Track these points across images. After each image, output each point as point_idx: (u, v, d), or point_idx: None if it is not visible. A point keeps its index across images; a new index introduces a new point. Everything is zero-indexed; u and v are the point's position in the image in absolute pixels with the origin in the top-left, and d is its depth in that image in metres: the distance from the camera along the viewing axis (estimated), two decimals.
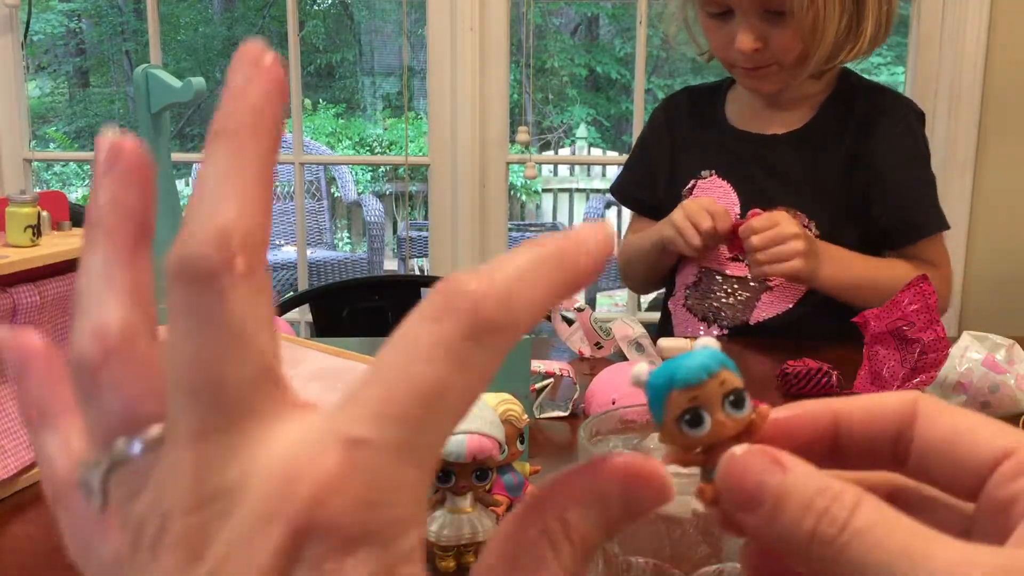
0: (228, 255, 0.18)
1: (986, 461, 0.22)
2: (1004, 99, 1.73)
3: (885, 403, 0.24)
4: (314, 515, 0.16)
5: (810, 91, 1.17)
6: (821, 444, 0.24)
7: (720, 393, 0.23)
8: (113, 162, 0.20)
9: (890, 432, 0.23)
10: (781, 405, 0.24)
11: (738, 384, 0.23)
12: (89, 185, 2.33)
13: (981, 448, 0.22)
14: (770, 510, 0.21)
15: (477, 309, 0.17)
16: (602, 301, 4.13)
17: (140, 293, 0.20)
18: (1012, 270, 1.79)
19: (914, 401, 0.23)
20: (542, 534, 0.19)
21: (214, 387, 0.18)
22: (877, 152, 1.14)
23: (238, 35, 6.02)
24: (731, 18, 1.08)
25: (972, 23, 1.71)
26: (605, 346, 0.98)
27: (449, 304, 0.17)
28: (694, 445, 0.23)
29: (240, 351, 0.18)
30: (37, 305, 0.67)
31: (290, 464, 0.17)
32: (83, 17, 5.99)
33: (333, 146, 5.48)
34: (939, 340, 0.82)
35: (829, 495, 0.20)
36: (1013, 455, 0.21)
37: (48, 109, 5.88)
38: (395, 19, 5.77)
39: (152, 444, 0.19)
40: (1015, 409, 0.79)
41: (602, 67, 5.87)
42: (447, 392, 0.17)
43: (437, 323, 0.17)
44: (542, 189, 5.57)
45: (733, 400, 0.23)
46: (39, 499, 0.66)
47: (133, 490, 0.19)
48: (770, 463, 0.21)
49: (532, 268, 0.18)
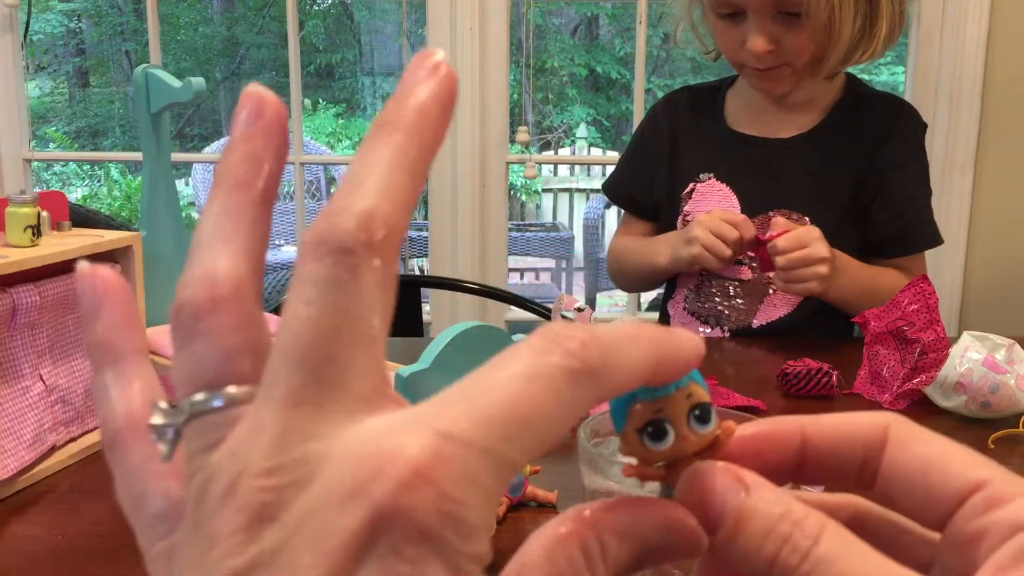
0: (369, 237, 0.18)
1: (956, 492, 0.21)
2: (1004, 99, 1.73)
3: (856, 425, 0.23)
4: (399, 500, 0.16)
5: (818, 94, 1.16)
6: (788, 462, 0.23)
7: (686, 406, 0.22)
8: (256, 116, 0.21)
9: (858, 455, 0.22)
10: (747, 423, 0.24)
11: (705, 398, 0.22)
12: (89, 185, 2.33)
13: (952, 479, 0.21)
14: (730, 531, 0.20)
15: (581, 352, 0.18)
16: (602, 301, 4.13)
17: (254, 249, 0.20)
18: (1012, 270, 1.79)
19: (886, 425, 0.22)
20: (582, 550, 0.19)
21: (323, 358, 0.18)
22: (889, 164, 1.13)
23: (238, 35, 6.02)
24: (742, 19, 1.07)
25: (972, 23, 1.71)
26: None
27: (557, 342, 0.18)
28: (655, 459, 0.22)
29: (357, 332, 0.18)
30: (37, 305, 0.67)
31: (381, 446, 0.17)
32: (83, 17, 5.99)
33: (333, 146, 5.48)
34: (939, 340, 0.82)
35: (792, 520, 0.20)
36: (983, 488, 0.21)
37: (48, 109, 5.88)
38: (395, 19, 5.77)
39: (235, 400, 0.19)
40: (1015, 409, 0.79)
41: (602, 67, 5.87)
42: (537, 416, 0.17)
43: (542, 354, 0.18)
44: (542, 189, 5.57)
45: (699, 415, 0.22)
46: (38, 499, 0.66)
47: (208, 443, 0.18)
48: (733, 481, 0.21)
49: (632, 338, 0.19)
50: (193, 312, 0.19)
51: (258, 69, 6.06)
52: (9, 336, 0.67)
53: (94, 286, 0.22)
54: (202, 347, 0.19)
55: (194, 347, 0.19)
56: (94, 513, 0.64)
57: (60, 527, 0.61)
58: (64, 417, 0.72)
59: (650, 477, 0.23)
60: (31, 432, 0.68)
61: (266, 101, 0.21)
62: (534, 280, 4.65)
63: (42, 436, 0.69)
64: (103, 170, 5.36)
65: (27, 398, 0.68)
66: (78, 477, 0.70)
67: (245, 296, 0.19)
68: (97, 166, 5.49)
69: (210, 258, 0.20)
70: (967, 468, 0.21)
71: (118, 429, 0.21)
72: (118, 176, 5.25)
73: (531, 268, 4.65)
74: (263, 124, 0.21)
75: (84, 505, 0.65)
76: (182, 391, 0.19)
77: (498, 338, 0.60)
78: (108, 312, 0.22)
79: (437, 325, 1.90)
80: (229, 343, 0.19)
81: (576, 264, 4.59)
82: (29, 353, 0.68)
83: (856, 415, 0.23)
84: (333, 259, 0.18)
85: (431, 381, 0.55)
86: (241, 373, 0.19)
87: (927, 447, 0.22)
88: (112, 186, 5.20)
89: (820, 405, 0.85)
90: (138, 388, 0.21)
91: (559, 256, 4.46)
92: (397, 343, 1.10)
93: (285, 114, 0.21)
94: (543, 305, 1.41)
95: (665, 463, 0.22)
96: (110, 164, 5.28)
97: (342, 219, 0.18)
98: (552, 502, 0.64)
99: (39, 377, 0.69)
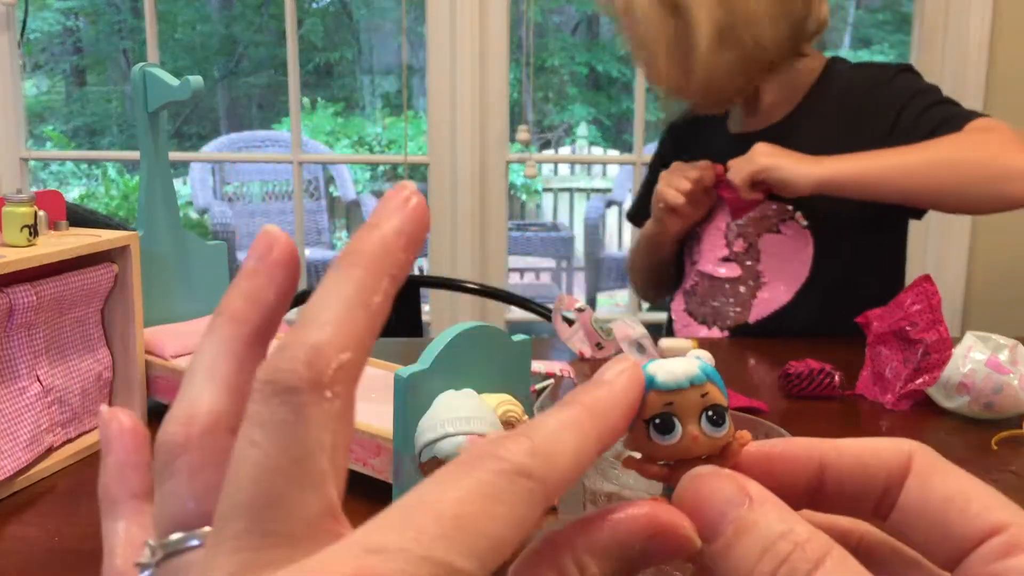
0: (317, 374, 0.18)
1: (974, 533, 0.20)
2: (1007, 97, 1.73)
3: (879, 454, 0.22)
4: None
5: (797, 85, 1.16)
6: (803, 486, 0.22)
7: (700, 405, 0.21)
8: (265, 253, 0.21)
9: (879, 486, 0.22)
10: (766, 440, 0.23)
11: (720, 400, 0.21)
12: (86, 184, 2.34)
13: (971, 519, 0.20)
14: (726, 543, 0.19)
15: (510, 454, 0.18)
16: (603, 301, 4.13)
17: (240, 390, 0.20)
18: (1016, 270, 1.78)
19: (909, 455, 0.22)
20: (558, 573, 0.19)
21: (265, 501, 0.17)
22: (880, 111, 1.08)
23: (236, 33, 6.01)
24: None
25: (975, 21, 1.71)
26: (606, 347, 0.98)
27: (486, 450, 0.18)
28: (660, 456, 0.21)
29: (302, 471, 0.18)
30: (34, 305, 0.67)
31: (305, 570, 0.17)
32: (80, 15, 5.98)
33: (332, 145, 5.47)
34: (942, 340, 0.82)
35: (793, 540, 0.19)
36: (1002, 532, 0.20)
37: (45, 108, 5.87)
38: (394, 17, 5.76)
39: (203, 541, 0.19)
40: (1018, 410, 0.79)
41: (603, 65, 5.87)
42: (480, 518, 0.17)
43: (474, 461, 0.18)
44: (542, 188, 5.57)
45: (712, 416, 0.21)
46: (35, 501, 0.65)
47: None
48: (736, 491, 0.20)
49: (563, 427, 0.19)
50: (168, 450, 0.20)
51: (256, 67, 6.05)
52: (5, 336, 0.66)
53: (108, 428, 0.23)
54: (175, 486, 0.20)
55: (169, 486, 0.20)
56: (92, 514, 0.63)
57: (57, 528, 0.61)
58: (61, 418, 0.71)
59: (651, 475, 0.22)
60: (28, 433, 0.67)
61: (277, 240, 0.21)
62: (534, 280, 4.64)
63: (39, 437, 0.68)
64: (100, 169, 5.35)
65: (24, 399, 0.68)
66: (75, 478, 0.69)
67: (221, 435, 0.20)
68: (94, 165, 5.49)
69: (194, 394, 0.20)
70: (988, 510, 0.20)
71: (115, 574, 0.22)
72: (115, 175, 5.24)
73: (531, 268, 4.64)
74: (269, 262, 0.21)
75: (82, 506, 0.65)
76: (159, 529, 0.20)
77: (498, 338, 0.60)
78: (114, 456, 0.23)
79: (437, 325, 1.90)
80: (200, 484, 0.19)
81: (576, 264, 4.59)
82: (26, 354, 0.68)
83: (879, 443, 0.22)
84: (279, 399, 0.18)
85: (431, 381, 0.54)
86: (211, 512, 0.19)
87: (949, 483, 0.21)
88: (109, 185, 5.19)
89: (822, 406, 0.85)
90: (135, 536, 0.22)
91: (559, 256, 4.45)
92: (397, 343, 1.10)
93: (295, 255, 0.21)
94: (543, 305, 1.41)
95: (670, 462, 0.21)
96: (107, 163, 5.28)
97: (290, 355, 0.18)
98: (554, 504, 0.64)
99: (36, 378, 0.69)
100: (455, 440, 0.51)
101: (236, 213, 3.99)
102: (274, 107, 6.03)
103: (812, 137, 1.11)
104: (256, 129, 5.56)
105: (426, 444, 0.51)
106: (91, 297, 0.74)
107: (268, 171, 4.15)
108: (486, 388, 0.56)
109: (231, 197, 4.23)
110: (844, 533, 0.23)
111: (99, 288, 0.74)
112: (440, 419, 0.51)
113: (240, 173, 4.21)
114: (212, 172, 4.19)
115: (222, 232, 3.72)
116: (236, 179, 4.23)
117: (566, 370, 0.82)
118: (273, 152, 4.23)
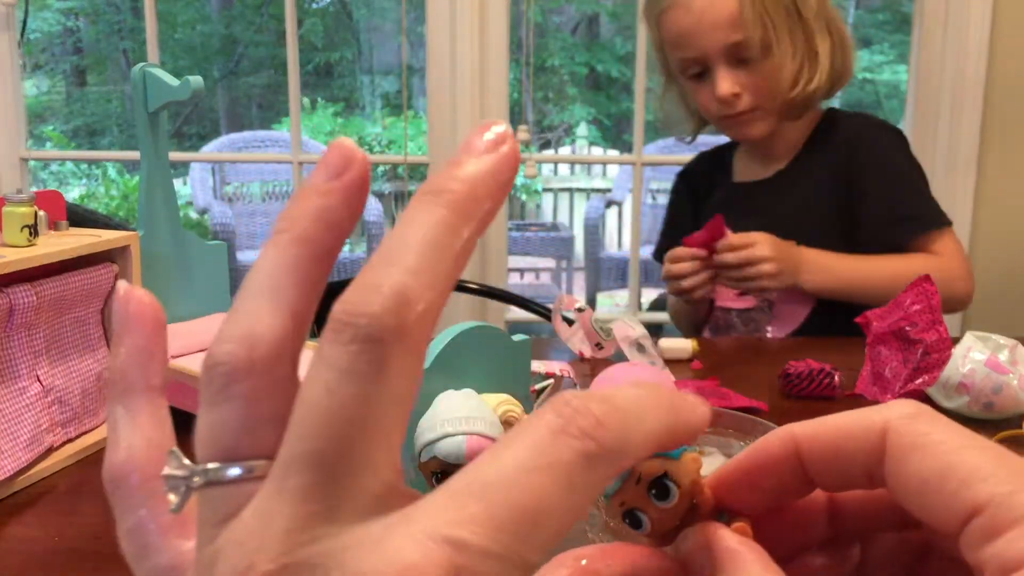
0: (399, 322, 0.17)
1: (955, 517, 0.19)
2: (1007, 98, 1.73)
3: (853, 436, 0.21)
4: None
5: (792, 140, 1.25)
6: (789, 481, 0.22)
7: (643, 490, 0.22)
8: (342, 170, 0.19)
9: (859, 465, 0.21)
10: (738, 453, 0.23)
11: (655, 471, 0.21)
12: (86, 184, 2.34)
13: (949, 499, 0.19)
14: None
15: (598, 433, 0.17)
16: (603, 301, 4.13)
17: (304, 311, 0.19)
18: (1015, 270, 1.78)
19: (882, 431, 0.21)
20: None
21: (337, 454, 0.17)
22: (860, 176, 1.20)
23: (236, 33, 6.01)
24: (709, 75, 1.18)
25: (975, 21, 1.71)
26: (606, 347, 0.98)
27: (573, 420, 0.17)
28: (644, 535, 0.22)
29: (376, 426, 0.17)
30: (34, 305, 0.67)
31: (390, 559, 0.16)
32: (80, 16, 5.98)
33: None
34: (942, 340, 0.82)
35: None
36: (981, 514, 0.19)
37: (45, 108, 5.87)
38: (394, 17, 5.76)
39: (252, 474, 0.18)
40: (1018, 410, 0.79)
41: (602, 65, 5.87)
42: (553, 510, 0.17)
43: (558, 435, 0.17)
44: (542, 188, 5.57)
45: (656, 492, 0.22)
46: (36, 501, 0.65)
47: (220, 516, 0.18)
48: None
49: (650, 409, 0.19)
50: (227, 372, 0.18)
51: (256, 68, 6.05)
52: (6, 336, 0.66)
53: (127, 309, 0.21)
54: (229, 412, 0.18)
55: (221, 410, 0.18)
56: (92, 514, 0.63)
57: (58, 528, 0.61)
58: (61, 418, 0.71)
59: None
60: (28, 433, 0.67)
61: (355, 158, 0.19)
62: (534, 280, 4.65)
63: (39, 437, 0.68)
64: (100, 169, 5.35)
65: (24, 399, 0.68)
66: (76, 478, 0.69)
67: (283, 361, 0.18)
68: (94, 165, 5.49)
69: (255, 314, 0.18)
70: (965, 486, 0.19)
71: (122, 471, 0.20)
72: (115, 175, 5.24)
73: (531, 268, 4.64)
74: (345, 182, 0.19)
75: (82, 506, 0.65)
76: (202, 453, 0.18)
77: (498, 338, 0.60)
78: (132, 339, 0.21)
79: (437, 325, 1.90)
80: (256, 412, 0.18)
81: (576, 264, 4.59)
82: (26, 354, 0.68)
83: (852, 420, 0.22)
84: (358, 347, 0.17)
85: (431, 381, 0.54)
86: (264, 444, 0.18)
87: (926, 461, 0.20)
88: (109, 185, 5.19)
89: (822, 406, 0.85)
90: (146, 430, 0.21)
91: (559, 256, 4.45)
92: None
93: (369, 176, 0.20)
94: (543, 305, 1.41)
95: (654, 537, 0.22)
96: (107, 163, 5.28)
97: (374, 300, 0.17)
98: None
99: (36, 378, 0.69)
100: (455, 440, 0.51)
101: (236, 213, 3.99)
102: (274, 107, 6.03)
103: (815, 185, 1.22)
104: (256, 129, 5.56)
105: (426, 444, 0.51)
106: (91, 297, 0.74)
107: (268, 171, 4.15)
108: (486, 388, 0.56)
109: (231, 197, 4.23)
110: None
111: (99, 288, 0.74)
112: (440, 419, 0.51)
113: (240, 173, 4.21)
114: (212, 172, 4.18)
115: (222, 232, 3.71)
116: (236, 179, 4.23)
117: (566, 370, 0.82)
118: (273, 152, 4.23)
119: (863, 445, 0.21)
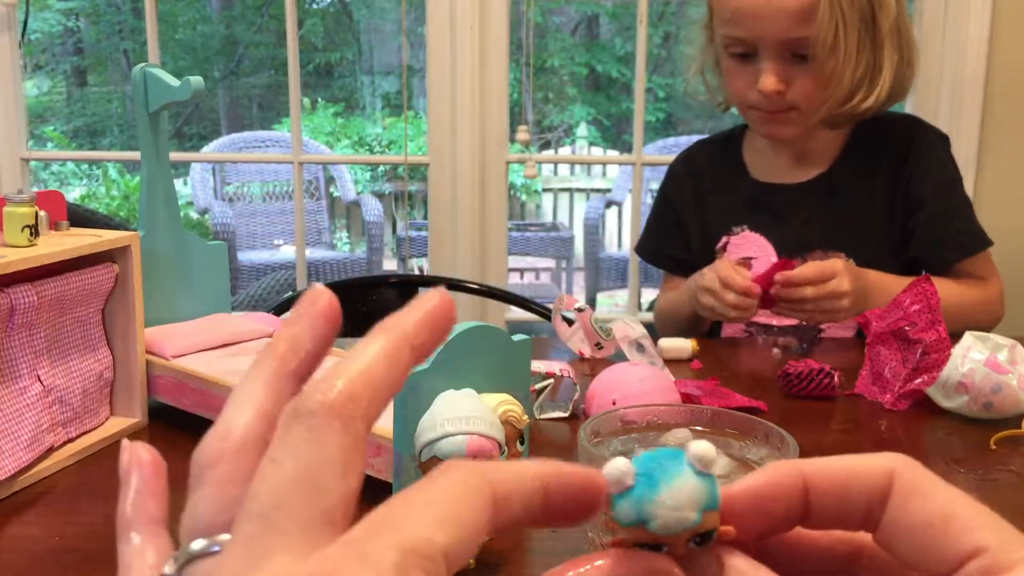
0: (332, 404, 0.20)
1: (953, 557, 0.21)
2: (1007, 97, 1.73)
3: (859, 475, 0.23)
4: None
5: (830, 142, 1.16)
6: (794, 512, 0.23)
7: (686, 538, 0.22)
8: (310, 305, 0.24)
9: (862, 505, 0.23)
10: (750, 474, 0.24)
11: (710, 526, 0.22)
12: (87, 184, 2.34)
13: (950, 541, 0.21)
14: None
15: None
16: (603, 301, 4.13)
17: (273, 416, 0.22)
18: (1014, 269, 1.78)
19: (890, 474, 0.22)
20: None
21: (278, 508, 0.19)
22: (912, 185, 1.13)
23: (236, 34, 6.02)
24: (754, 60, 1.08)
25: (974, 20, 1.71)
26: (605, 346, 0.98)
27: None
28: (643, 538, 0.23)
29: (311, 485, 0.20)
30: (35, 305, 0.67)
31: None
32: (81, 16, 5.98)
33: (332, 145, 5.47)
34: (941, 340, 0.82)
35: None
36: (981, 556, 0.21)
37: (46, 108, 5.87)
38: (394, 18, 5.76)
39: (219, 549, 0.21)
40: (1017, 410, 0.79)
41: (602, 66, 5.87)
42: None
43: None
44: (542, 188, 5.57)
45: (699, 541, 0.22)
46: (36, 500, 0.66)
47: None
48: None
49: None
50: (202, 463, 0.22)
51: (257, 68, 6.05)
52: (6, 336, 0.66)
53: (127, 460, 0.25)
54: (203, 496, 0.21)
55: (198, 494, 0.21)
56: (92, 514, 0.63)
57: (58, 528, 0.61)
58: (62, 418, 0.71)
59: None
60: (29, 433, 0.67)
61: (321, 295, 0.24)
62: (534, 280, 4.65)
63: (40, 437, 0.69)
64: (101, 169, 5.35)
65: (25, 399, 0.68)
66: (76, 478, 0.69)
67: (252, 452, 0.22)
68: (95, 165, 5.49)
69: (231, 416, 0.22)
70: (967, 531, 0.21)
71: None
72: (116, 175, 5.24)
73: (531, 268, 4.65)
74: (311, 313, 0.23)
75: (82, 506, 0.65)
76: (185, 537, 0.21)
77: (498, 338, 0.60)
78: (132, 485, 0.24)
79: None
80: (225, 494, 0.21)
81: (576, 264, 4.59)
82: (27, 353, 0.68)
83: (860, 463, 0.23)
84: (299, 422, 0.20)
85: (431, 381, 0.54)
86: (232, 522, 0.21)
87: (929, 505, 0.22)
88: (110, 185, 5.19)
89: (822, 406, 0.85)
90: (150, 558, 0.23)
91: (559, 256, 4.46)
92: None
93: (337, 309, 0.24)
94: (543, 305, 1.41)
95: None
96: (108, 163, 5.27)
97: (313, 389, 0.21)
98: None
99: (37, 378, 0.69)
100: (455, 440, 0.51)
101: (236, 213, 3.99)
102: (274, 107, 6.03)
103: (868, 192, 1.14)
104: (256, 129, 5.56)
105: (426, 444, 0.51)
106: (92, 297, 0.74)
107: (268, 171, 4.15)
108: (486, 388, 0.56)
109: (231, 197, 4.24)
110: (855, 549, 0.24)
111: (100, 288, 0.74)
112: (440, 419, 0.52)
113: (240, 173, 4.21)
114: (212, 172, 4.18)
115: (222, 232, 3.72)
116: (236, 179, 4.23)
117: (566, 370, 0.82)
118: (273, 152, 4.23)
119: (870, 484, 0.23)
